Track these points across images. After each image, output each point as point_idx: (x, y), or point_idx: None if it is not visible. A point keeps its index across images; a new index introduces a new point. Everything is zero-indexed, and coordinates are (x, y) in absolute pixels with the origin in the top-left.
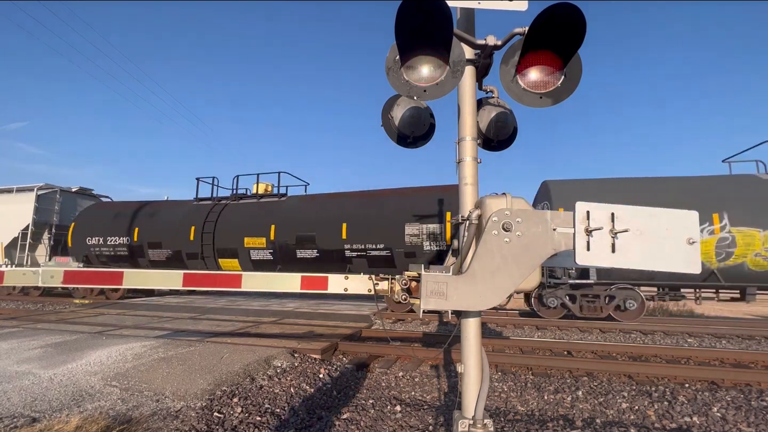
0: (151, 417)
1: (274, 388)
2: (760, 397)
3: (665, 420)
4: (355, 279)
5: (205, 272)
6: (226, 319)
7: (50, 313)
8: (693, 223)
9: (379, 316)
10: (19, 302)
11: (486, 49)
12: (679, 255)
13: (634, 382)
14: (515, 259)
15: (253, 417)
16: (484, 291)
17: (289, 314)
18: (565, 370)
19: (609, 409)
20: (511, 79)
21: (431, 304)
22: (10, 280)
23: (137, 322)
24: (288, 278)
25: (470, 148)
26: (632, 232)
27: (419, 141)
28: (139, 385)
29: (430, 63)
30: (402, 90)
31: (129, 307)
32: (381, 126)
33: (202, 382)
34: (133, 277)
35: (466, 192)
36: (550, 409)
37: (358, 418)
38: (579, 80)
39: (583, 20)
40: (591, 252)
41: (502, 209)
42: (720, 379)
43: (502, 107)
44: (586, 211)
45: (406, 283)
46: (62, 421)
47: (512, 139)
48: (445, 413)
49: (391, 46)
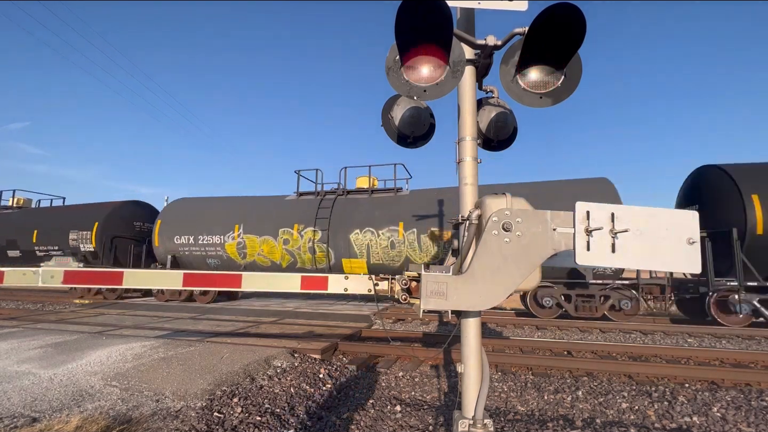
0: (151, 417)
1: (274, 388)
2: (760, 397)
3: (665, 420)
4: (355, 279)
5: (205, 272)
6: (226, 319)
7: (50, 313)
8: (693, 223)
9: (379, 316)
10: (19, 302)
11: (486, 49)
12: (679, 255)
13: (634, 382)
14: (515, 259)
15: (253, 417)
16: (484, 291)
17: (289, 314)
18: (565, 370)
19: (609, 409)
20: (511, 79)
21: (431, 304)
22: (10, 280)
23: (137, 322)
24: (288, 278)
25: (470, 148)
26: (632, 232)
27: (419, 141)
28: (139, 385)
29: (430, 63)
30: (402, 90)
31: (129, 307)
32: (381, 126)
33: (202, 382)
34: (133, 277)
35: (466, 192)
36: (550, 409)
37: (358, 418)
38: (579, 80)
39: (583, 20)
40: (591, 252)
41: (502, 209)
42: (720, 379)
43: (502, 107)
44: (586, 211)
45: (406, 283)
46: (62, 421)
47: (512, 139)
48: (445, 413)
49: (391, 46)
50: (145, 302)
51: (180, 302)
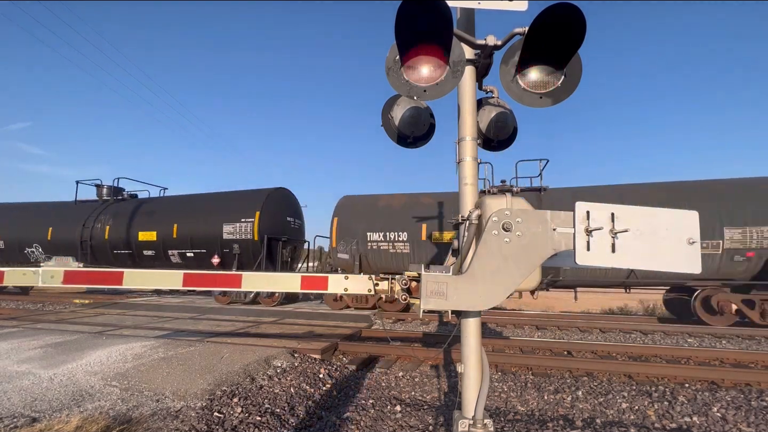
0: (151, 417)
1: (274, 388)
2: (760, 397)
3: (665, 420)
4: (355, 279)
5: (205, 272)
6: (226, 319)
7: (50, 313)
8: (693, 223)
9: (379, 316)
10: (19, 302)
11: (486, 49)
12: (680, 255)
13: (634, 382)
14: (515, 259)
15: (253, 417)
16: (484, 291)
17: (289, 314)
18: (565, 370)
19: (609, 409)
20: (511, 79)
21: (431, 304)
22: (10, 279)
23: (137, 322)
24: (288, 278)
25: (470, 148)
26: (632, 232)
27: (419, 141)
28: (139, 385)
29: (430, 63)
30: (402, 90)
31: (129, 307)
32: (381, 126)
33: (202, 382)
34: (133, 277)
35: (466, 192)
36: (550, 409)
37: (358, 418)
38: (579, 80)
39: (583, 20)
40: (591, 252)
41: (502, 209)
42: (720, 379)
43: (502, 107)
44: (586, 211)
45: (406, 283)
46: (62, 421)
47: (512, 139)
48: (445, 413)
49: (391, 46)
50: (145, 302)
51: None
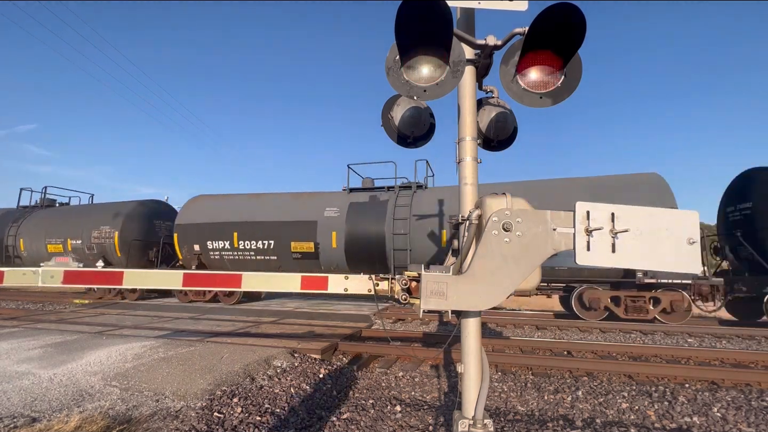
0: (151, 417)
1: (274, 388)
2: (760, 397)
3: (665, 420)
4: (355, 279)
5: (205, 272)
6: (226, 319)
7: (50, 313)
8: (693, 223)
9: (379, 316)
10: (19, 302)
11: (486, 49)
12: (680, 255)
13: (634, 382)
14: (515, 259)
15: (253, 417)
16: (484, 291)
17: (289, 314)
18: (565, 370)
19: (609, 409)
20: (511, 79)
21: (431, 304)
22: (10, 280)
23: (137, 322)
24: (288, 278)
25: (470, 148)
26: (632, 232)
27: (419, 141)
28: (139, 385)
29: (430, 63)
30: (402, 90)
31: (129, 307)
32: (381, 126)
33: (202, 382)
34: (133, 277)
35: (466, 192)
36: (550, 409)
37: (358, 418)
38: (579, 80)
39: (583, 20)
40: (591, 252)
41: (502, 209)
42: (720, 379)
43: (502, 107)
44: (586, 211)
45: (406, 283)
46: (62, 421)
47: (512, 139)
48: (445, 413)
49: (391, 46)
50: (145, 302)
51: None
